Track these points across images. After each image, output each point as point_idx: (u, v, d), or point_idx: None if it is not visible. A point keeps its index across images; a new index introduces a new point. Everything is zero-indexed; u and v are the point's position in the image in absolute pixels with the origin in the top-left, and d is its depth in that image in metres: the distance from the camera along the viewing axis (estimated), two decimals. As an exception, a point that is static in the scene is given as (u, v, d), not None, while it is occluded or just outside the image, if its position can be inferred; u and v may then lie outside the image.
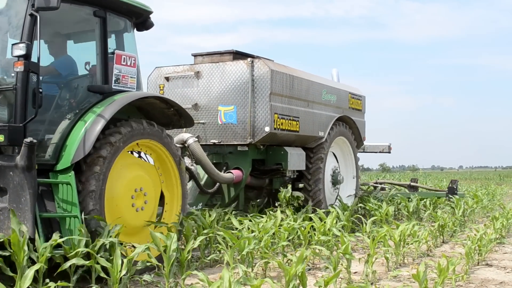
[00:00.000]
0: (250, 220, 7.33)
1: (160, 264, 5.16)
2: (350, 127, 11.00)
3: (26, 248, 4.48)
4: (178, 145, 7.58)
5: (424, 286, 4.72)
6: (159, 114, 6.55)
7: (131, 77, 6.24)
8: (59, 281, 4.35)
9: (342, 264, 5.68)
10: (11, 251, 4.49)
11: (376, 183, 13.43)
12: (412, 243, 7.17)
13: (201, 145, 8.51)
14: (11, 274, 4.57)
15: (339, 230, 7.00)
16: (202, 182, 8.46)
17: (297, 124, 9.10)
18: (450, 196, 11.91)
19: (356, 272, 6.14)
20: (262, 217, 7.77)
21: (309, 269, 6.25)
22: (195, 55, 9.34)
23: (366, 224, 7.92)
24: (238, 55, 8.98)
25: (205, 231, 6.44)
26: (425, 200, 11.97)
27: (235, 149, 8.77)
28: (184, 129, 8.29)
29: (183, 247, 5.95)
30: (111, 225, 5.31)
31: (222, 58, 9.00)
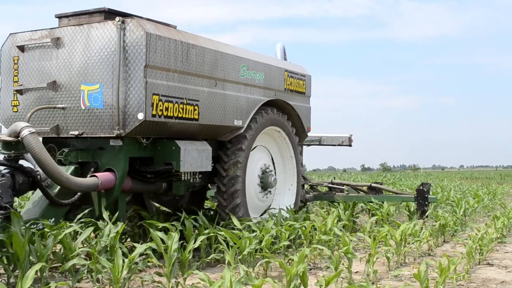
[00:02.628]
0: (250, 220, 7.34)
1: (161, 264, 5.17)
2: (288, 114, 8.80)
3: (27, 248, 4.49)
4: (10, 138, 5.77)
5: (425, 285, 4.71)
6: None
7: None
8: (58, 280, 4.35)
9: (343, 264, 5.68)
10: (13, 251, 4.50)
11: (332, 183, 11.10)
12: (413, 243, 7.17)
13: (61, 138, 6.68)
14: (12, 274, 4.58)
15: (340, 230, 7.00)
16: (56, 190, 6.24)
17: (195, 109, 6.80)
18: (422, 204, 9.83)
19: (357, 272, 6.14)
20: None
21: (310, 269, 6.25)
22: (59, 17, 6.87)
23: (367, 223, 7.93)
24: (113, 15, 6.60)
25: (206, 231, 6.44)
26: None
27: (107, 143, 6.51)
28: (28, 117, 6.47)
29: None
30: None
31: (90, 19, 6.65)
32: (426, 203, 9.83)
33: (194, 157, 6.86)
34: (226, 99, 7.35)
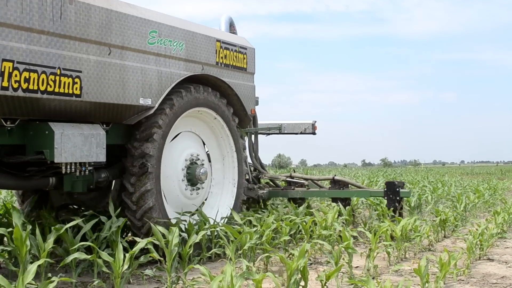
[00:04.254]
0: (252, 215, 7.35)
1: (162, 259, 5.18)
2: (222, 93, 7.28)
3: (28, 243, 4.49)
4: None
5: (425, 280, 4.72)
6: None
7: None
8: (60, 275, 4.36)
9: (343, 259, 5.69)
10: (13, 245, 4.51)
11: (291, 177, 9.60)
12: (413, 238, 7.18)
13: None
14: (13, 268, 4.59)
15: (341, 225, 7.00)
16: None
17: (75, 82, 5.25)
18: (392, 199, 8.32)
19: (357, 267, 6.15)
20: (263, 212, 7.79)
21: (311, 264, 6.26)
22: None
23: (367, 218, 7.93)
24: None
25: (206, 226, 6.45)
26: (426, 195, 11.87)
27: None
28: None
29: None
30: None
31: None
32: (398, 198, 8.33)
33: (77, 144, 5.31)
34: (126, 72, 5.84)
